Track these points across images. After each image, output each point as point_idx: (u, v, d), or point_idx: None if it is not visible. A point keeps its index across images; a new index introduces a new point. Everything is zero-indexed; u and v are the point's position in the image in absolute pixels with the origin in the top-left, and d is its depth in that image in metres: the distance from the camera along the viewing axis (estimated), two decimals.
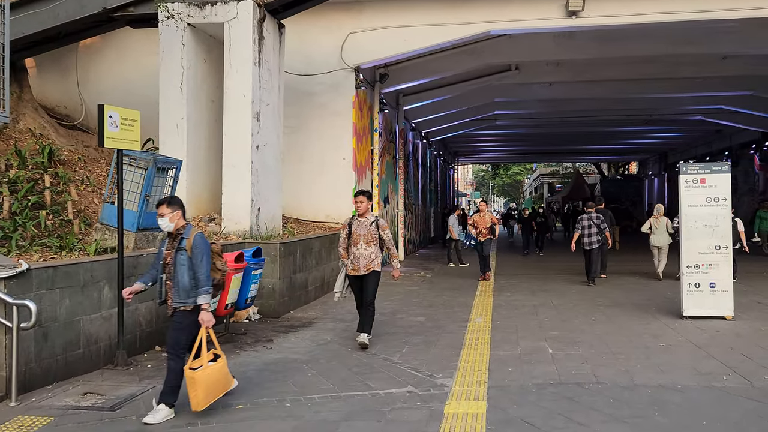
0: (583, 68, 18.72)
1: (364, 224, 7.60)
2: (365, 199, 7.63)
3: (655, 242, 14.09)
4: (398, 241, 19.83)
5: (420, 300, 11.40)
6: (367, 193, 7.74)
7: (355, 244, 7.57)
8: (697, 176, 8.89)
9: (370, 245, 7.56)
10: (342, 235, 7.72)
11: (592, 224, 13.34)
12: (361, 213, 7.62)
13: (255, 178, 10.54)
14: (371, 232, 7.58)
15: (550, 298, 11.32)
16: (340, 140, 14.44)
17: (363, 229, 7.58)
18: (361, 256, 7.53)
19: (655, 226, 14.14)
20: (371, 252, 7.57)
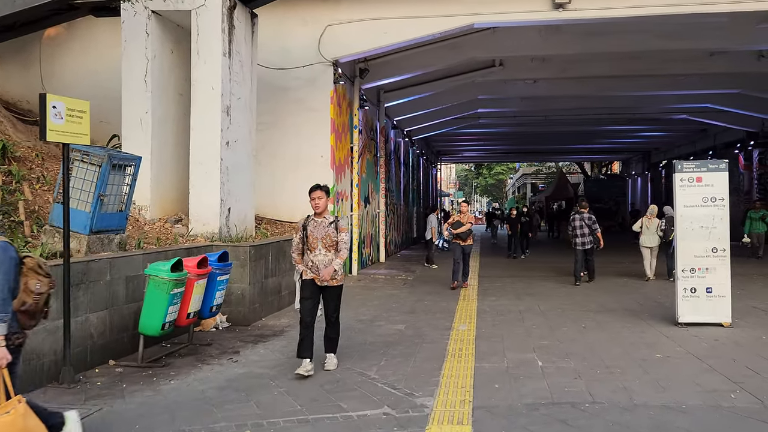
0: (568, 64, 18.26)
1: (321, 225, 6.44)
2: (323, 194, 6.48)
3: (646, 243, 14.01)
4: (379, 242, 19.25)
5: (400, 305, 10.82)
6: (325, 188, 6.58)
7: (312, 249, 6.42)
8: (693, 175, 8.39)
9: (329, 250, 6.41)
10: (296, 239, 6.57)
11: (584, 224, 13.41)
12: (319, 212, 6.46)
13: (225, 176, 9.88)
14: (330, 235, 6.41)
15: (536, 303, 10.79)
16: (317, 137, 13.80)
17: (320, 231, 6.42)
18: (320, 264, 6.40)
19: (647, 226, 14.03)
20: (332, 258, 6.43)
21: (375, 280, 14.41)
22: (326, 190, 6.58)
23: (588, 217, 13.46)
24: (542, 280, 14.09)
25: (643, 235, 13.94)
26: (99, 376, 6.37)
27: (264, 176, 13.74)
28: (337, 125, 14.22)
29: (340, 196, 14.55)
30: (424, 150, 33.17)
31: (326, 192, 6.54)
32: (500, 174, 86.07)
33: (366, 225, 17.56)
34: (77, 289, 6.40)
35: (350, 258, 15.29)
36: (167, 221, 10.12)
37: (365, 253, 17.32)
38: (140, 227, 9.62)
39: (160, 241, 8.94)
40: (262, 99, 13.42)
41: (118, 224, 7.60)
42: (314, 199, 6.46)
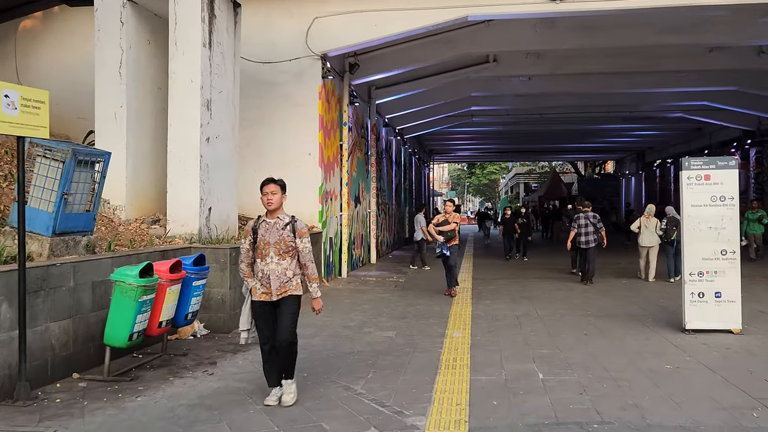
0: (563, 60, 17.78)
1: (275, 228, 5.36)
2: (278, 189, 5.38)
3: (644, 242, 13.78)
4: (370, 243, 18.72)
5: (391, 310, 10.29)
6: (280, 183, 5.44)
7: (263, 257, 5.33)
8: (700, 172, 7.91)
9: (284, 257, 5.33)
10: (244, 246, 5.48)
11: (588, 223, 13.35)
12: (271, 209, 5.37)
13: (205, 174, 9.33)
14: (285, 240, 5.32)
15: (533, 307, 10.29)
16: (305, 134, 13.26)
17: (273, 235, 5.34)
18: (272, 274, 5.31)
19: (645, 225, 13.86)
20: (286, 267, 5.35)
21: (365, 283, 13.88)
22: (281, 184, 5.46)
23: (593, 216, 13.46)
24: (538, 282, 13.60)
25: (642, 235, 13.82)
26: (60, 391, 5.81)
27: (249, 174, 13.14)
28: (325, 122, 13.69)
29: (329, 196, 14.02)
30: (417, 149, 32.67)
31: (281, 187, 5.45)
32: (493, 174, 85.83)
33: (356, 225, 17.03)
34: (36, 297, 5.84)
35: (339, 260, 14.77)
36: (144, 222, 9.56)
37: (356, 254, 16.79)
38: (114, 228, 9.06)
39: (135, 243, 8.38)
40: (247, 94, 12.88)
41: (85, 225, 7.04)
42: (266, 194, 5.36)
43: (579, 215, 13.65)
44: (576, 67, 18.02)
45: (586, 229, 13.34)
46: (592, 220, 13.40)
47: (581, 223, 13.43)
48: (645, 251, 13.76)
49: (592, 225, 13.36)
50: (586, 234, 13.31)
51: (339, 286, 13.30)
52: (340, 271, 14.76)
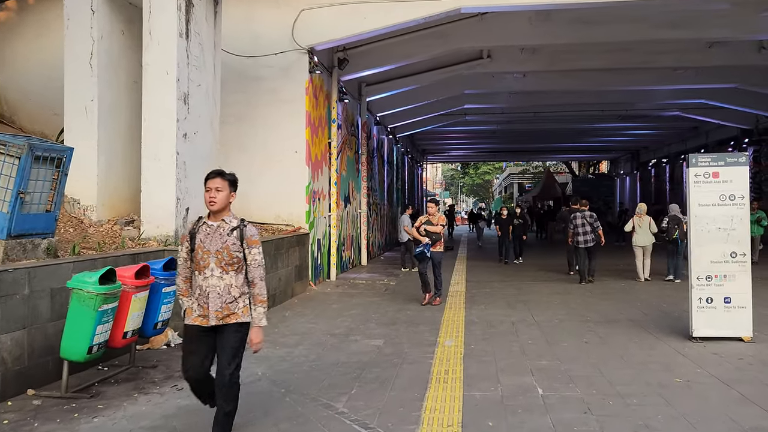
0: (559, 56, 17.30)
1: (218, 233, 4.29)
2: (224, 184, 4.30)
3: (639, 242, 13.58)
4: (361, 244, 18.19)
5: (380, 315, 9.76)
6: (229, 177, 4.35)
7: (202, 269, 4.27)
8: (708, 169, 7.42)
9: (227, 271, 4.26)
10: (180, 255, 4.43)
11: (585, 222, 13.37)
12: (214, 209, 4.28)
13: (182, 172, 8.77)
14: (230, 248, 4.26)
15: (530, 312, 9.78)
16: (291, 131, 12.71)
17: (216, 242, 4.27)
18: (212, 291, 4.24)
19: (638, 225, 13.67)
20: (231, 284, 4.28)
21: (355, 286, 13.35)
22: (230, 179, 4.35)
23: (590, 215, 13.50)
24: (534, 285, 13.09)
25: (636, 235, 13.58)
26: (10, 410, 5.25)
27: (234, 173, 12.65)
28: (313, 119, 13.14)
29: (317, 195, 13.47)
30: (409, 148, 32.17)
31: (230, 183, 4.34)
32: (487, 174, 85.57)
33: (346, 226, 16.50)
34: None
35: (328, 262, 14.23)
36: (117, 223, 8.99)
37: (345, 256, 16.26)
38: (84, 230, 8.49)
39: (104, 245, 7.82)
40: (230, 89, 12.34)
41: (45, 227, 6.48)
42: (209, 190, 4.27)
43: (576, 215, 13.60)
44: (571, 63, 17.55)
45: (584, 228, 13.35)
46: (589, 220, 13.40)
47: (578, 222, 13.44)
48: (640, 251, 13.54)
49: (589, 225, 13.36)
50: (584, 234, 13.33)
51: (327, 289, 12.77)
52: (329, 273, 14.22)
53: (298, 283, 11.88)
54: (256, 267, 4.36)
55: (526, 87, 20.59)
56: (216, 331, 4.31)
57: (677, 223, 13.08)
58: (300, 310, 10.15)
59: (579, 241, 13.33)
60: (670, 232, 13.10)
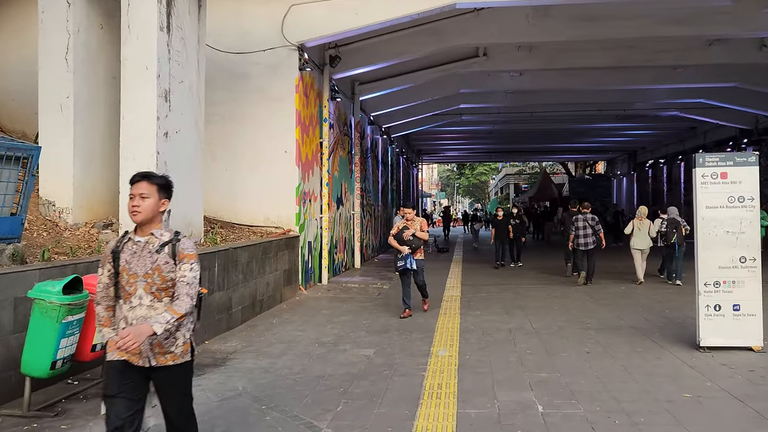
0: (556, 54, 16.93)
1: (146, 251, 3.45)
2: (152, 189, 3.45)
3: (638, 245, 13.37)
4: (354, 246, 17.78)
5: (372, 321, 9.35)
6: (159, 181, 3.51)
7: (128, 297, 3.42)
8: (716, 170, 7.03)
9: (160, 298, 3.41)
10: (102, 281, 3.55)
11: (587, 225, 13.34)
12: (138, 220, 3.44)
13: (162, 172, 8.32)
14: (161, 270, 3.41)
15: (528, 319, 9.39)
16: (280, 130, 12.29)
17: (143, 262, 3.42)
18: (140, 324, 3.33)
19: (638, 228, 13.48)
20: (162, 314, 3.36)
21: (346, 290, 12.94)
22: (161, 183, 3.49)
23: (591, 218, 13.47)
24: (531, 289, 12.70)
25: (635, 237, 13.39)
26: None
27: (221, 174, 12.26)
28: (303, 117, 12.73)
29: (307, 196, 13.06)
30: (404, 149, 31.78)
31: (161, 188, 3.48)
32: (483, 174, 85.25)
33: (339, 228, 16.08)
34: None
35: (319, 265, 13.81)
36: (94, 226, 8.56)
37: (338, 258, 15.84)
38: (59, 234, 8.06)
39: (78, 250, 7.39)
40: (218, 87, 11.95)
41: (10, 231, 6.06)
42: (133, 197, 3.44)
43: (578, 217, 13.55)
44: (569, 62, 17.18)
45: (585, 231, 13.31)
46: (590, 222, 13.38)
47: (580, 225, 13.39)
48: (638, 254, 13.33)
49: (590, 227, 13.33)
50: (585, 236, 13.29)
51: (318, 294, 12.35)
52: (320, 277, 13.81)
53: (287, 287, 11.46)
54: (184, 284, 3.39)
55: (523, 86, 20.22)
56: (149, 373, 3.44)
57: (675, 226, 12.90)
58: (288, 317, 9.73)
59: (580, 243, 13.28)
60: (668, 235, 12.90)
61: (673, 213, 13.15)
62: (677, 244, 12.82)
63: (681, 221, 13.01)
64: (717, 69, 18.55)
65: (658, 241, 13.19)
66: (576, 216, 13.62)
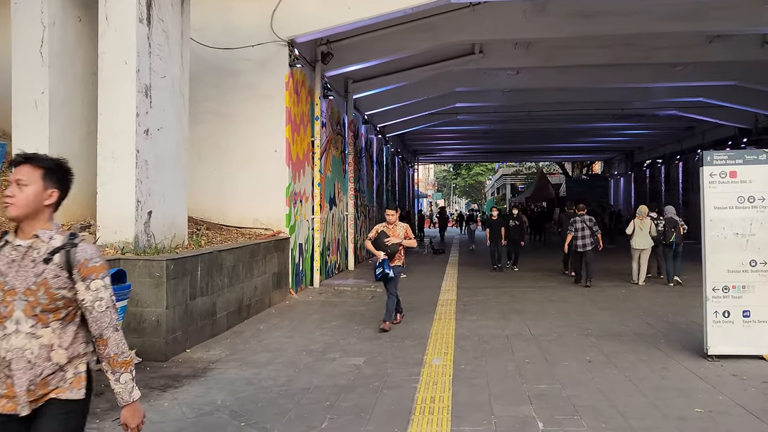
0: (554, 52, 16.57)
1: (27, 260, 2.57)
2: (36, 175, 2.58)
3: (639, 245, 13.28)
4: (348, 248, 17.39)
5: (363, 327, 8.96)
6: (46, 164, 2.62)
7: (0, 321, 2.55)
8: (725, 168, 6.66)
9: (45, 322, 2.56)
10: None
11: (585, 226, 13.36)
12: (15, 215, 2.58)
13: (143, 172, 7.96)
14: (49, 284, 2.55)
15: (526, 324, 9.01)
16: (270, 128, 11.90)
17: (23, 276, 2.55)
18: (18, 359, 2.51)
19: (639, 227, 13.31)
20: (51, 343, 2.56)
21: (339, 293, 12.55)
22: (47, 167, 2.62)
23: (589, 219, 13.51)
24: (529, 292, 12.33)
25: (636, 237, 13.30)
26: None
27: (210, 174, 11.87)
28: (294, 115, 12.34)
29: (298, 197, 12.66)
30: (400, 148, 31.40)
31: (46, 173, 2.61)
32: (479, 175, 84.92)
33: (331, 229, 15.69)
34: None
35: (311, 267, 13.42)
36: (71, 228, 8.15)
37: (331, 260, 15.45)
38: None
39: None
40: (205, 83, 11.58)
41: None
42: (9, 185, 2.61)
43: (575, 219, 13.61)
44: (567, 59, 16.81)
45: (583, 232, 13.34)
46: (588, 224, 13.41)
47: (578, 227, 13.42)
48: (638, 254, 13.29)
49: (588, 228, 13.36)
50: (583, 237, 13.32)
51: (309, 297, 11.96)
52: (312, 280, 13.41)
53: (276, 291, 11.07)
54: (102, 312, 2.60)
55: (520, 84, 19.85)
56: (33, 419, 2.55)
57: (674, 225, 12.90)
58: (276, 322, 9.33)
59: (578, 245, 13.31)
60: (666, 235, 12.89)
61: (671, 212, 13.16)
62: (675, 243, 12.80)
63: (679, 220, 13.05)
64: (717, 67, 18.22)
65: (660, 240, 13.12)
66: (574, 218, 13.70)
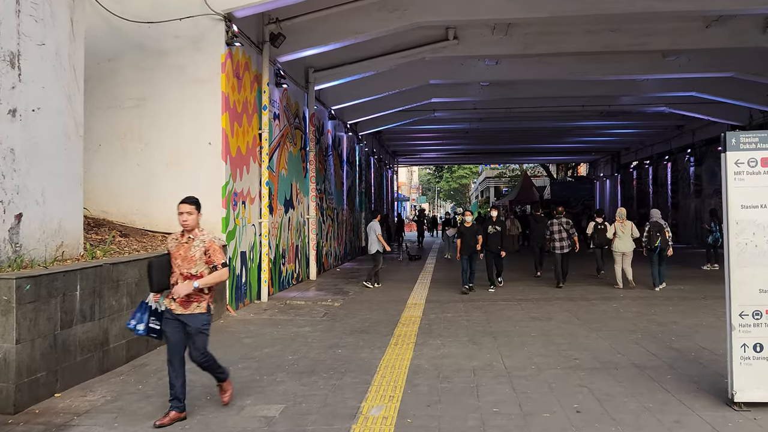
0: (535, 37, 14.98)
1: None
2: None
3: (620, 248, 12.95)
4: (309, 255, 15.66)
5: (301, 356, 7.25)
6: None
7: None
8: (756, 154, 5.03)
9: None
10: None
11: (561, 229, 13.46)
12: None
13: (7, 164, 6.20)
14: None
15: (499, 351, 7.34)
16: (204, 117, 10.14)
17: None
18: None
19: (621, 231, 13.03)
20: None
21: (288, 309, 10.82)
22: None
23: (566, 222, 13.63)
24: (507, 307, 10.68)
25: (617, 240, 12.97)
26: None
27: (132, 170, 10.14)
28: (234, 103, 10.61)
29: (240, 198, 10.92)
30: (376, 148, 29.69)
31: None
32: (463, 178, 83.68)
33: (288, 234, 13.96)
34: None
35: (258, 279, 11.69)
36: None
37: (286, 269, 13.72)
38: None
39: None
40: (128, 64, 9.97)
41: None
42: None
43: (552, 221, 13.64)
44: (549, 46, 15.20)
45: (560, 235, 13.40)
46: (565, 227, 13.50)
47: (555, 229, 13.49)
48: (620, 257, 12.96)
49: (565, 231, 13.43)
50: (560, 240, 13.37)
51: (250, 315, 10.22)
52: (259, 293, 11.67)
53: None
54: None
55: (499, 76, 18.24)
56: None
57: (659, 230, 12.51)
58: None
59: (555, 246, 13.36)
60: (651, 239, 12.47)
61: (656, 216, 12.83)
62: (660, 248, 12.38)
63: (664, 224, 12.67)
64: (713, 56, 16.76)
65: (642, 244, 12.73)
66: (551, 221, 13.71)
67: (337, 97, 18.37)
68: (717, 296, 11.56)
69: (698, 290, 12.49)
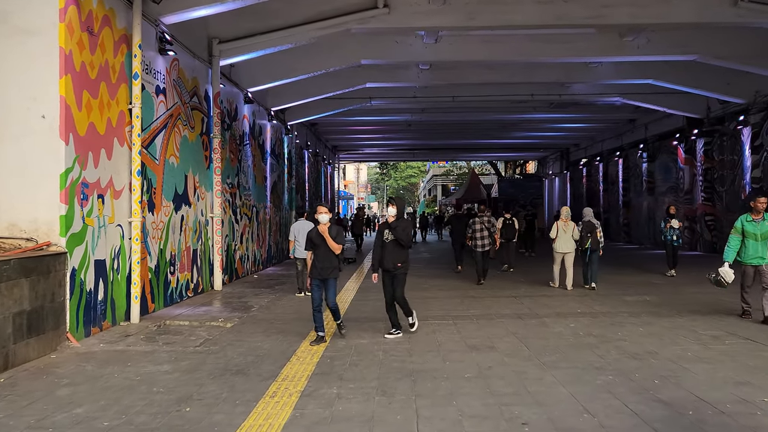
0: (479, 7, 12.85)
1: None
2: None
3: (561, 248, 12.56)
4: (213, 261, 13.14)
5: (122, 422, 4.82)
6: None
7: None
8: None
9: None
10: None
11: (483, 227, 13.71)
12: None
13: None
14: None
15: (414, 409, 5.06)
16: (33, 82, 7.59)
17: None
18: None
19: (563, 230, 12.63)
20: None
21: (159, 334, 8.34)
22: None
23: (488, 220, 13.97)
24: (439, 330, 8.46)
25: (559, 240, 12.62)
26: None
27: None
28: (82, 65, 8.05)
29: (94, 190, 8.35)
30: (311, 141, 27.24)
31: None
32: (412, 177, 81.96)
33: (180, 237, 11.42)
34: None
35: (127, 294, 9.14)
36: None
37: (177, 280, 11.19)
38: None
39: None
40: None
41: None
42: None
43: (475, 220, 13.89)
44: (495, 18, 13.06)
45: (482, 233, 13.62)
46: (487, 225, 13.82)
47: (477, 227, 13.72)
48: (561, 257, 12.68)
49: (487, 229, 13.72)
50: (482, 238, 13.60)
51: (99, 345, 7.68)
52: (128, 313, 9.12)
53: (30, 341, 6.78)
54: None
55: (440, 56, 16.07)
56: None
57: (590, 230, 12.28)
58: None
59: (477, 245, 13.60)
60: (582, 240, 12.25)
61: (588, 215, 12.61)
62: (590, 249, 12.18)
63: (597, 224, 12.47)
64: (675, 35, 15.03)
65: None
66: (473, 219, 13.99)
67: (254, 77, 15.92)
68: (691, 311, 9.65)
69: (666, 303, 10.57)
